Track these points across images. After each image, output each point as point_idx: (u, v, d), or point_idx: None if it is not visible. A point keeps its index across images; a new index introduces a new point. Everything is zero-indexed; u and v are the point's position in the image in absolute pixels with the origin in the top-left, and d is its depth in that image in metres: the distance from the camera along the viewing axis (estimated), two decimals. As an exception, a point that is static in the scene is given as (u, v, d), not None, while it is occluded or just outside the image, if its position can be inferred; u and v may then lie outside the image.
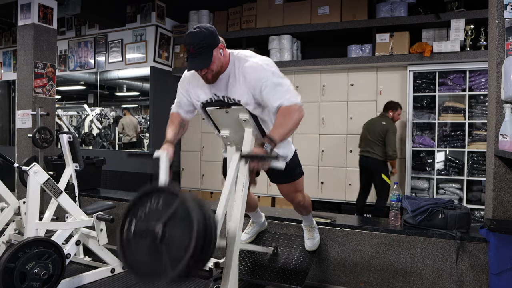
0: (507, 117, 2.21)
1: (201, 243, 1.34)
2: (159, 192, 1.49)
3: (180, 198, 1.41)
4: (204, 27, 1.78)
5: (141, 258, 1.43)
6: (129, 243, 1.46)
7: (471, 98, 4.27)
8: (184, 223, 1.37)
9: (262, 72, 1.80)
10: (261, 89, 1.80)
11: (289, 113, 1.77)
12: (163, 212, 1.42)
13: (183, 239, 1.35)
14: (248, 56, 1.88)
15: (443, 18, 4.23)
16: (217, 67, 1.82)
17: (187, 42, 1.77)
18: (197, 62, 1.77)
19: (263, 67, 1.81)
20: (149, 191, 1.50)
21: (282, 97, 1.79)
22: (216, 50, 1.79)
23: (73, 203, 2.76)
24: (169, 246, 1.37)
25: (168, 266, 1.36)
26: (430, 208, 2.60)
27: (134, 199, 1.51)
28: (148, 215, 1.46)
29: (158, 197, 1.47)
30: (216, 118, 1.99)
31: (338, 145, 4.82)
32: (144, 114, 6.62)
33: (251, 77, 1.81)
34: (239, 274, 2.20)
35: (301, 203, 2.39)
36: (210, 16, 5.49)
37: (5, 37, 6.71)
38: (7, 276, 2.17)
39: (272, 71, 1.82)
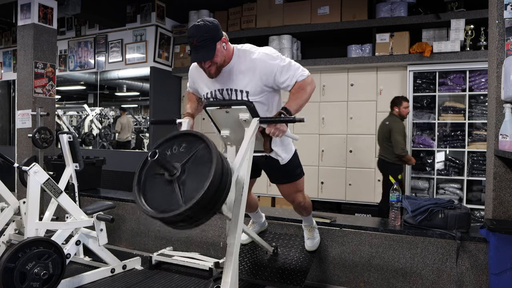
0: (507, 117, 2.21)
1: (216, 183, 1.41)
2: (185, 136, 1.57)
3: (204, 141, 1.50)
4: (208, 20, 1.82)
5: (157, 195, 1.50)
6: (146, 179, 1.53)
7: (471, 98, 4.27)
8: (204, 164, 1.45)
9: (271, 61, 1.90)
10: (275, 76, 1.91)
11: (303, 87, 1.93)
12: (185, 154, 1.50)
13: (199, 180, 1.42)
14: (252, 49, 1.95)
15: (443, 18, 4.23)
16: (220, 60, 1.85)
17: (190, 35, 1.80)
18: (201, 54, 1.80)
19: (271, 56, 1.91)
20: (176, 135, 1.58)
21: (295, 75, 1.94)
22: (219, 43, 1.82)
23: (73, 203, 2.76)
24: (185, 185, 1.45)
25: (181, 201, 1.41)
26: (430, 208, 2.60)
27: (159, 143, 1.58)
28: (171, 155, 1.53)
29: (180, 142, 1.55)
30: (216, 118, 1.99)
31: (338, 145, 4.81)
32: (144, 114, 6.62)
33: (262, 68, 1.89)
34: (239, 274, 2.20)
35: (302, 203, 2.39)
36: (210, 16, 5.49)
37: (5, 37, 6.71)
38: (7, 276, 2.17)
39: (277, 55, 1.94)
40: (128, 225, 3.66)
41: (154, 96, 5.43)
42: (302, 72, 1.96)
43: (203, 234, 3.33)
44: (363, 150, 4.68)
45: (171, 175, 1.46)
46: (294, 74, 1.94)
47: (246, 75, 1.90)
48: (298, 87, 1.94)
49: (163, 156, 1.51)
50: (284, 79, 1.93)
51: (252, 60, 1.90)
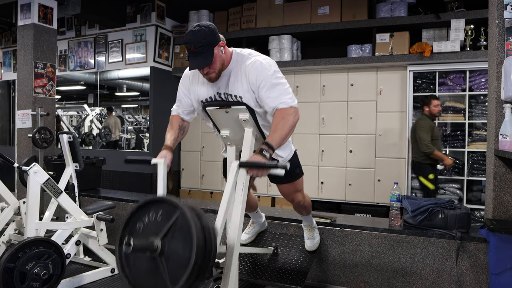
0: (507, 117, 2.21)
1: (201, 258, 1.32)
2: (158, 203, 1.45)
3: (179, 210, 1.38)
4: (204, 25, 1.78)
5: (141, 273, 1.41)
6: (129, 258, 1.44)
7: (471, 98, 4.27)
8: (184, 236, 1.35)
9: (262, 71, 1.80)
10: (259, 87, 1.80)
11: (284, 117, 1.76)
12: (162, 224, 1.39)
13: (182, 253, 1.33)
14: (250, 54, 1.89)
15: (443, 18, 4.23)
16: (218, 65, 1.82)
17: (187, 41, 1.76)
18: (199, 61, 1.77)
19: (264, 66, 1.81)
20: (147, 202, 1.47)
21: (279, 99, 1.79)
22: (217, 48, 1.79)
23: (73, 203, 2.76)
24: (168, 260, 1.35)
25: (168, 282, 1.34)
26: (430, 208, 2.60)
27: (132, 211, 1.48)
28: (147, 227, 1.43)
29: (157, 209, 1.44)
30: (216, 118, 1.99)
31: (338, 145, 4.81)
32: (144, 114, 6.62)
33: (251, 75, 1.81)
34: (239, 274, 2.20)
35: (301, 203, 2.39)
36: (210, 16, 5.49)
37: (5, 37, 6.71)
38: (7, 276, 2.17)
39: (273, 71, 1.81)
40: (128, 225, 3.65)
41: (154, 96, 5.43)
42: (287, 100, 1.79)
43: (203, 234, 3.33)
44: (363, 150, 4.68)
45: (153, 253, 1.37)
46: (279, 98, 1.78)
47: (240, 81, 1.85)
48: (280, 117, 1.76)
49: (140, 235, 1.42)
50: (266, 96, 1.79)
51: (245, 66, 1.84)
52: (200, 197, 5.57)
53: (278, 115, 1.78)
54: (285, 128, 1.75)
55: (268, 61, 1.85)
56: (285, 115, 1.77)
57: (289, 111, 1.78)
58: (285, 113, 1.77)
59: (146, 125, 6.43)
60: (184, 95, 2.04)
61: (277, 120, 1.77)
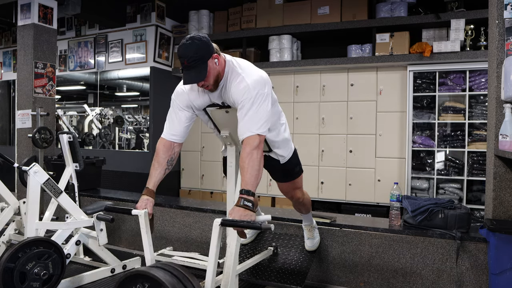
0: (507, 117, 2.21)
1: None
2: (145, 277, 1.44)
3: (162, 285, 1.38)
4: (196, 38, 1.75)
5: None
6: None
7: (471, 98, 4.27)
8: None
9: (244, 94, 1.77)
10: (238, 108, 1.79)
11: (249, 152, 1.70)
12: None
13: None
14: (241, 70, 1.84)
15: (443, 18, 4.22)
16: (213, 78, 1.80)
17: (180, 55, 1.74)
18: (193, 75, 1.75)
19: (248, 88, 1.76)
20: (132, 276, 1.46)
21: (247, 127, 1.75)
22: (210, 60, 1.76)
23: (73, 203, 2.76)
24: None
25: None
26: (430, 208, 2.60)
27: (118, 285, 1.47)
28: None
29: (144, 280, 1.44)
30: (216, 118, 2.00)
31: (338, 145, 4.81)
32: (144, 114, 6.62)
33: (234, 96, 1.80)
34: (239, 274, 2.20)
35: (300, 200, 2.40)
36: (210, 16, 5.48)
37: (5, 37, 6.71)
38: (7, 276, 2.17)
39: (256, 93, 1.76)
40: (128, 225, 3.66)
41: (154, 96, 5.43)
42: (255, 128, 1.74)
43: (203, 234, 3.33)
44: (363, 150, 4.68)
45: None
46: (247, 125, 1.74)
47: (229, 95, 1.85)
48: (245, 153, 1.70)
49: None
50: (240, 118, 1.77)
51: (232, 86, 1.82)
52: (200, 197, 5.57)
53: (243, 149, 1.73)
54: (255, 166, 1.69)
55: (255, 81, 1.78)
56: (250, 149, 1.70)
57: (253, 141, 1.72)
58: (249, 146, 1.71)
59: (146, 125, 6.43)
60: (180, 110, 1.96)
61: (243, 157, 1.71)
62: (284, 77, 5.03)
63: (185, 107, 1.97)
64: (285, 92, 4.95)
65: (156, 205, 1.98)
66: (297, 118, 4.91)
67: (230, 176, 2.07)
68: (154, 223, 1.93)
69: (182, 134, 1.99)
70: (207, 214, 3.32)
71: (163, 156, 1.95)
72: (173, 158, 2.00)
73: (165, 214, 3.49)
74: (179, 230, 3.44)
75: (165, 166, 1.96)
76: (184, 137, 2.01)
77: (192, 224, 3.39)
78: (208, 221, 3.29)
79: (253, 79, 1.79)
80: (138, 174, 5.25)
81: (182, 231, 3.43)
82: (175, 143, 1.98)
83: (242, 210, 1.61)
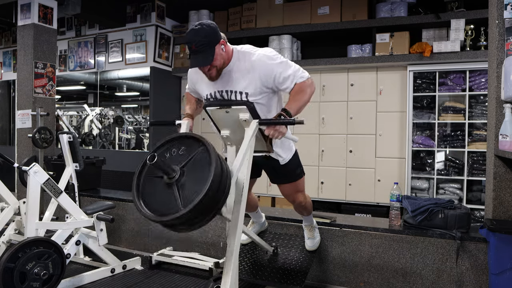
0: (507, 117, 2.21)
1: (215, 188, 1.40)
2: (184, 139, 1.56)
3: (202, 144, 1.48)
4: (205, 23, 1.81)
5: (155, 196, 1.49)
6: (145, 182, 1.53)
7: (471, 98, 4.27)
8: (202, 168, 1.44)
9: (271, 62, 1.89)
10: (275, 78, 1.90)
11: (303, 89, 1.92)
12: (185, 156, 1.49)
13: (198, 183, 1.41)
14: (252, 50, 1.95)
15: (443, 18, 4.22)
16: (219, 63, 1.85)
17: (188, 40, 1.79)
18: (200, 59, 1.80)
19: (270, 56, 1.90)
20: (175, 137, 1.57)
21: (295, 77, 1.93)
22: (217, 46, 1.81)
23: (73, 203, 2.76)
24: (184, 188, 1.44)
25: (180, 205, 1.41)
26: (430, 208, 2.60)
27: (158, 146, 1.57)
28: (170, 158, 1.53)
29: (181, 143, 1.54)
30: (216, 118, 1.99)
31: (338, 145, 4.81)
32: (144, 114, 6.62)
33: (261, 70, 1.89)
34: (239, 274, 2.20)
35: (302, 203, 2.39)
36: (210, 16, 5.48)
37: (5, 37, 6.71)
38: (7, 276, 2.17)
39: (278, 58, 1.92)
40: (128, 225, 3.66)
41: (154, 96, 5.42)
42: (302, 74, 1.95)
43: (203, 234, 3.33)
44: (363, 150, 4.68)
45: (170, 178, 1.45)
46: (294, 75, 1.92)
47: (246, 76, 1.90)
48: (298, 89, 1.92)
49: (162, 159, 1.49)
50: (284, 80, 1.92)
51: (251, 62, 1.89)
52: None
53: (296, 87, 1.93)
54: (304, 98, 1.91)
55: (270, 51, 1.95)
56: (304, 87, 1.92)
57: (307, 82, 1.94)
58: (303, 85, 1.93)
59: (146, 125, 6.43)
60: (193, 85, 2.15)
61: (295, 91, 1.92)
62: (284, 77, 5.02)
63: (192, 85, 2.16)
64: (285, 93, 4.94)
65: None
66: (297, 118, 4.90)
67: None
68: None
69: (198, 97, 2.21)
70: (207, 214, 3.32)
71: (191, 98, 2.24)
72: (200, 101, 2.22)
73: (165, 214, 3.49)
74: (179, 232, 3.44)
75: (195, 104, 2.22)
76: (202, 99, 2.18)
77: (192, 224, 3.38)
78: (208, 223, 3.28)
79: (267, 51, 1.94)
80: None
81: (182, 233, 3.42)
82: None
83: None
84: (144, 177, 1.54)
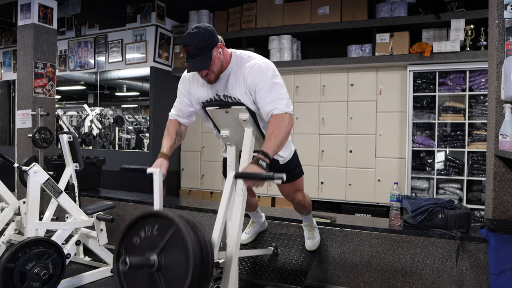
0: (507, 117, 2.21)
1: (198, 273, 1.31)
2: (153, 218, 1.44)
3: (174, 225, 1.37)
4: (202, 27, 1.77)
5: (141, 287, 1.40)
6: (127, 275, 1.44)
7: (471, 98, 4.27)
8: (180, 251, 1.34)
9: (260, 74, 1.80)
10: (256, 91, 1.80)
11: (279, 124, 1.75)
12: (158, 239, 1.38)
13: (180, 268, 1.33)
14: (250, 57, 1.88)
15: (443, 18, 4.22)
16: (217, 67, 1.81)
17: (185, 43, 1.76)
18: (197, 64, 1.76)
19: (263, 69, 1.81)
20: (143, 217, 1.46)
21: (274, 104, 1.78)
22: (215, 50, 1.78)
23: (73, 203, 2.76)
24: (166, 276, 1.35)
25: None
26: (430, 208, 2.60)
27: (128, 225, 1.47)
28: (143, 242, 1.42)
29: (152, 223, 1.43)
30: (216, 118, 1.99)
31: (338, 145, 4.81)
32: (144, 114, 6.62)
33: (249, 78, 1.81)
34: (239, 274, 2.20)
35: (301, 202, 2.39)
36: (210, 16, 5.49)
37: (5, 37, 6.71)
38: (7, 276, 2.17)
39: (271, 74, 1.81)
40: (128, 225, 3.65)
41: (154, 96, 5.43)
42: (287, 105, 1.79)
43: (203, 234, 3.32)
44: (363, 150, 4.68)
45: (150, 268, 1.37)
46: (274, 103, 1.77)
47: (238, 84, 1.85)
48: (275, 124, 1.75)
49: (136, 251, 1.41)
50: (262, 99, 1.79)
51: (244, 68, 1.84)
52: (200, 197, 5.57)
53: (273, 122, 1.76)
54: (280, 136, 1.73)
55: (267, 64, 1.84)
56: (280, 121, 1.75)
57: (284, 117, 1.76)
58: (279, 119, 1.76)
59: (146, 125, 6.43)
60: (184, 96, 2.02)
61: (272, 127, 1.75)
62: (284, 77, 4.92)
63: (187, 95, 2.02)
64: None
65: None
66: (297, 118, 4.91)
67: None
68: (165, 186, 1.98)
69: (187, 118, 2.08)
70: (207, 214, 3.32)
71: (172, 129, 2.06)
72: (182, 131, 2.10)
73: (165, 214, 3.49)
74: None
75: (175, 137, 2.06)
76: (189, 121, 2.10)
77: (192, 224, 3.38)
78: (208, 221, 3.28)
79: (264, 62, 1.84)
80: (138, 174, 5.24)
81: None
82: (181, 124, 2.09)
83: (256, 168, 1.63)
84: (122, 273, 1.45)
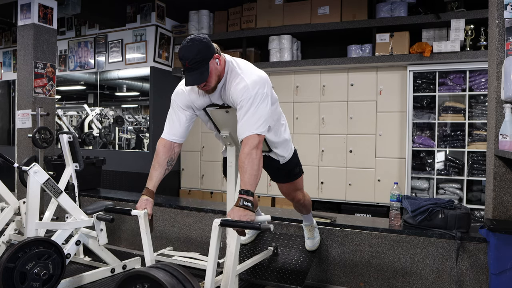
0: (507, 117, 2.21)
1: None
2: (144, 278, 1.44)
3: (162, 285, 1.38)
4: (197, 39, 1.74)
5: None
6: None
7: (471, 98, 4.27)
8: None
9: (243, 93, 1.76)
10: (237, 108, 1.78)
11: (248, 152, 1.69)
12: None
13: None
14: (241, 70, 1.83)
15: (443, 18, 4.22)
16: (214, 79, 1.80)
17: (181, 57, 1.73)
18: (195, 77, 1.74)
19: (247, 88, 1.76)
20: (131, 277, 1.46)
21: (246, 127, 1.74)
22: (212, 61, 1.76)
23: (73, 203, 2.76)
24: None
25: None
26: (430, 208, 2.60)
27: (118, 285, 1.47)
28: None
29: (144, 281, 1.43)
30: (216, 118, 2.00)
31: (338, 145, 4.81)
32: (144, 114, 6.62)
33: (234, 95, 1.80)
34: (239, 274, 2.20)
35: (301, 201, 2.40)
36: (210, 16, 5.48)
37: (5, 37, 6.71)
38: (7, 276, 2.17)
39: (255, 93, 1.75)
40: (128, 225, 3.66)
41: (154, 96, 5.43)
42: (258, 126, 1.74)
43: (203, 234, 3.33)
44: (363, 150, 4.68)
45: None
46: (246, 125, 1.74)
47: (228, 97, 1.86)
48: (245, 153, 1.69)
49: None
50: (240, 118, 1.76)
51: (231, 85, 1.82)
52: (200, 197, 5.57)
53: (242, 149, 1.72)
54: (254, 166, 1.68)
55: (254, 81, 1.77)
56: (249, 149, 1.70)
57: (252, 141, 1.71)
58: (248, 146, 1.71)
59: (146, 125, 6.43)
60: (182, 110, 1.96)
61: (242, 157, 1.70)
62: (284, 77, 5.03)
63: (185, 107, 1.96)
64: (285, 92, 4.95)
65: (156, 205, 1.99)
66: (297, 118, 4.91)
67: (230, 176, 2.07)
68: (154, 223, 1.93)
69: (182, 134, 1.98)
70: (207, 214, 3.32)
71: (163, 157, 1.94)
72: (173, 158, 1.99)
73: (165, 214, 3.49)
74: (179, 230, 3.45)
75: (165, 166, 1.96)
76: (184, 137, 2.01)
77: (192, 224, 3.39)
78: (208, 221, 3.29)
79: (252, 79, 1.78)
80: (138, 174, 5.25)
81: (182, 231, 3.43)
82: (175, 143, 1.98)
83: (241, 210, 1.61)
84: None
